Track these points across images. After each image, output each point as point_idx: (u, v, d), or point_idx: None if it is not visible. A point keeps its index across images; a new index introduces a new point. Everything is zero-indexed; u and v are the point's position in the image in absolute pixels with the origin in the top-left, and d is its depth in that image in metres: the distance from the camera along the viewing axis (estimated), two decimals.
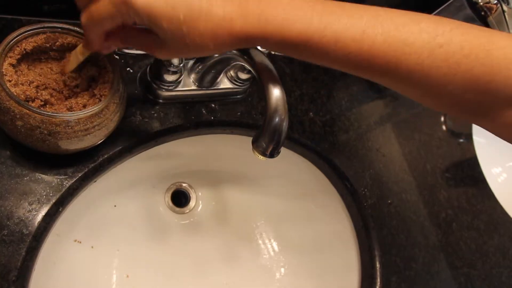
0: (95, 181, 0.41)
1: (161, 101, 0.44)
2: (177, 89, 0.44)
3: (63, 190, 0.36)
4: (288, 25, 0.26)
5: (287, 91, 0.54)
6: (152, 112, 0.44)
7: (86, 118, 0.33)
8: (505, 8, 0.50)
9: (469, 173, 0.66)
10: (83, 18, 0.27)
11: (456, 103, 0.29)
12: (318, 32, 0.26)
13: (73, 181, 0.37)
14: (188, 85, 0.45)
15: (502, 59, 0.26)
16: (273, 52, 0.54)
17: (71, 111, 0.33)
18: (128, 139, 0.41)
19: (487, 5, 0.51)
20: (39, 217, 0.35)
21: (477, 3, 0.52)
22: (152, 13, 0.24)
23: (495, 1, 0.50)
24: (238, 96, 0.50)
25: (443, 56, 0.26)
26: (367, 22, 0.27)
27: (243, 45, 0.27)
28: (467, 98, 0.27)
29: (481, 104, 0.28)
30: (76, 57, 0.33)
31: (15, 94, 0.31)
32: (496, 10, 0.50)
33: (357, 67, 0.28)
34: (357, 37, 0.26)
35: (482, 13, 0.52)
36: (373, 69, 0.28)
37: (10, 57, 0.32)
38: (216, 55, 0.41)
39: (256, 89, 0.51)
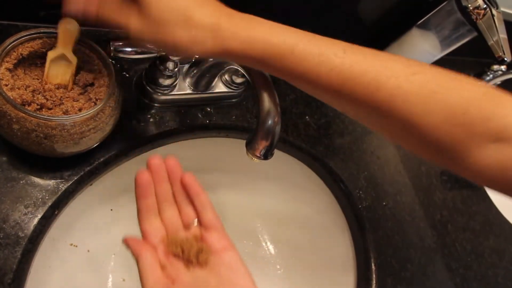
0: (91, 184, 0.41)
1: (156, 105, 0.45)
2: (173, 93, 0.45)
3: (59, 193, 0.36)
4: (274, 32, 0.28)
5: (281, 94, 0.55)
6: (148, 116, 0.44)
7: (81, 122, 0.33)
8: (494, 12, 0.51)
9: None
10: None
11: (434, 139, 0.28)
12: (302, 43, 0.27)
13: (69, 184, 0.37)
14: (184, 89, 0.46)
15: (473, 92, 0.27)
16: None
17: (67, 115, 0.33)
18: (124, 143, 0.41)
19: (477, 10, 0.52)
20: (35, 220, 0.35)
21: (467, 7, 0.53)
22: None
23: (485, 6, 0.51)
24: (233, 100, 0.50)
25: (419, 82, 0.27)
26: (346, 45, 0.28)
27: (220, 46, 0.27)
28: (445, 131, 0.27)
29: (458, 140, 0.27)
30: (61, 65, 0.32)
31: (11, 98, 0.31)
32: (485, 14, 0.51)
33: (338, 87, 0.28)
34: (339, 53, 0.27)
35: (473, 17, 0.53)
36: (354, 92, 0.28)
37: (7, 61, 0.33)
38: (211, 59, 0.41)
39: (250, 93, 0.51)
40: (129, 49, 0.36)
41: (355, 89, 0.27)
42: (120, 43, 0.34)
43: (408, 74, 0.27)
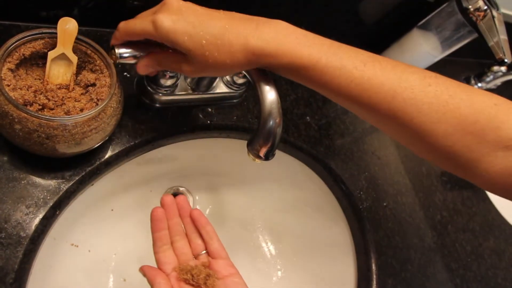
0: (92, 184, 0.41)
1: (157, 105, 0.45)
2: (174, 93, 0.45)
3: (60, 193, 0.37)
4: (300, 47, 0.30)
5: (282, 95, 0.55)
6: (149, 116, 0.44)
7: (83, 122, 0.33)
8: (494, 13, 0.51)
9: None
10: (122, 23, 0.33)
11: (445, 146, 0.29)
12: (325, 57, 0.29)
13: (70, 184, 0.37)
14: (185, 89, 0.46)
15: (484, 103, 0.29)
16: None
17: (69, 115, 0.33)
18: (125, 143, 0.41)
19: (478, 11, 0.52)
20: (36, 220, 0.35)
21: (467, 8, 0.53)
22: (176, 32, 0.29)
23: (485, 7, 0.51)
24: (234, 100, 0.50)
25: (433, 93, 0.29)
26: (367, 58, 0.30)
27: (255, 61, 0.30)
28: (456, 139, 0.29)
29: (469, 148, 0.29)
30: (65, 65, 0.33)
31: (13, 98, 0.31)
32: (486, 16, 0.51)
33: (357, 96, 0.30)
34: (359, 66, 0.29)
35: (473, 18, 0.53)
36: (372, 100, 0.30)
37: (9, 62, 0.33)
38: None
39: (252, 93, 0.51)
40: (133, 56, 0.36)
41: (373, 98, 0.30)
42: (124, 50, 0.34)
43: (422, 85, 0.29)
